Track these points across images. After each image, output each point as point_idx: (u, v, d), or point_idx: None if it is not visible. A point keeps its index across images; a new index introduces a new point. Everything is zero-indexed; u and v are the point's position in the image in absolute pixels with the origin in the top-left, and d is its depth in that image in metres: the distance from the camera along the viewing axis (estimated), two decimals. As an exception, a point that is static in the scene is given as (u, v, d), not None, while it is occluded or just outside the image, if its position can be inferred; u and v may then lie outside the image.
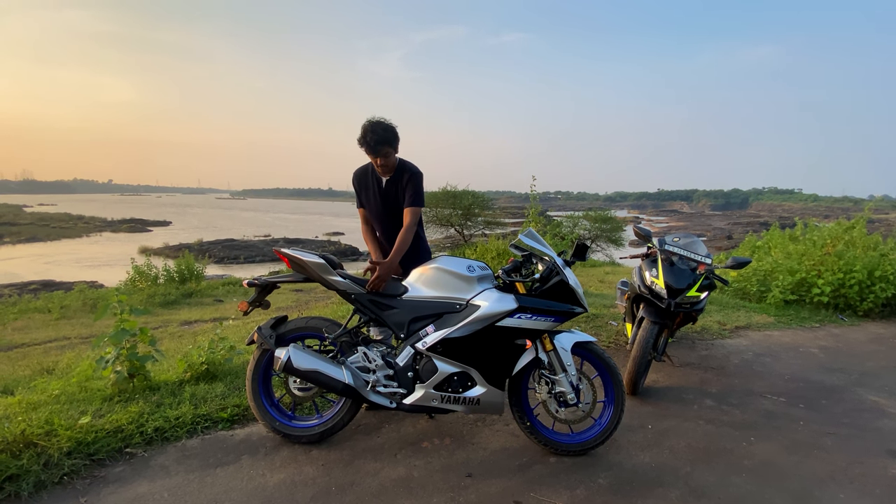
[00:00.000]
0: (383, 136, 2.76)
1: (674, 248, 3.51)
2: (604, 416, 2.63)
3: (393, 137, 2.81)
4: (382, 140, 2.77)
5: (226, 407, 2.89)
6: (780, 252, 7.23)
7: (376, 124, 2.77)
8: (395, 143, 2.84)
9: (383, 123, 2.79)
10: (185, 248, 22.81)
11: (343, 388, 2.46)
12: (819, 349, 4.74)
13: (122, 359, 3.05)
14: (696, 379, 3.80)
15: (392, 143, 2.82)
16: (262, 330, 2.59)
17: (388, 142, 2.79)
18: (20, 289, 17.27)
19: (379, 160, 2.84)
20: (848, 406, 3.43)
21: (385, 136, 2.77)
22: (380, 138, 2.76)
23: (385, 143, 2.78)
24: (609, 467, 2.51)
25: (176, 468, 2.41)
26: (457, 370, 2.48)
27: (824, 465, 2.64)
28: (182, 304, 11.14)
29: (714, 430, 2.97)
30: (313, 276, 2.59)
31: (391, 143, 2.81)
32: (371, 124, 2.77)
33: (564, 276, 2.49)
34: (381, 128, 2.77)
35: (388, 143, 2.79)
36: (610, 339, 4.59)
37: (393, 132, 2.81)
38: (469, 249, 8.08)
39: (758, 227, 38.39)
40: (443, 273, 2.57)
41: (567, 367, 2.53)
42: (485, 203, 23.44)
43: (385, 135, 2.77)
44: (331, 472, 2.39)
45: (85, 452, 2.42)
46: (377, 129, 2.76)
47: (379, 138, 2.75)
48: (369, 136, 2.75)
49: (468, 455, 2.59)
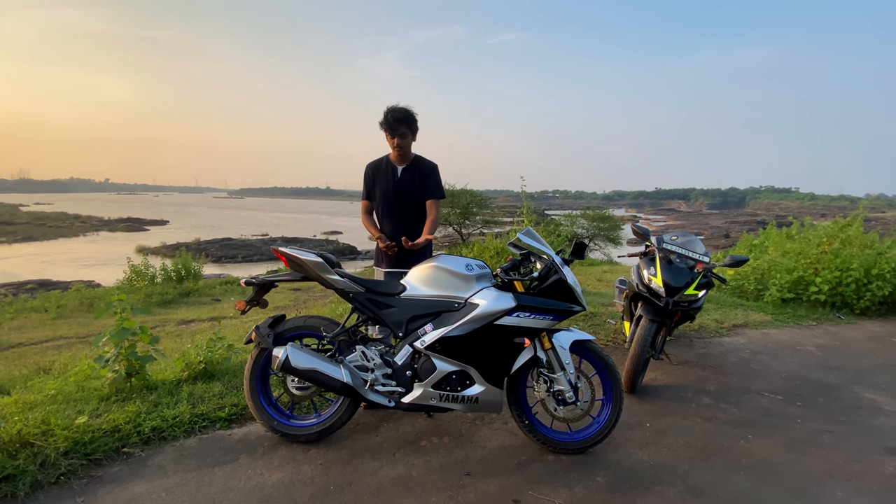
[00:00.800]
0: (403, 115, 2.92)
1: (672, 246, 3.51)
2: (602, 415, 2.63)
3: (412, 120, 2.96)
4: (402, 118, 2.91)
5: (224, 406, 2.88)
6: (776, 250, 7.25)
7: (397, 106, 2.95)
8: (413, 126, 2.98)
9: (404, 107, 2.95)
10: (183, 248, 22.71)
11: (341, 387, 2.45)
12: (816, 347, 4.76)
13: (121, 358, 3.04)
14: (693, 377, 3.81)
15: (410, 125, 2.96)
16: (260, 329, 2.59)
17: (407, 122, 2.94)
18: (17, 288, 17.20)
19: (396, 140, 2.96)
20: (845, 404, 3.44)
21: (405, 115, 2.93)
22: (399, 115, 2.91)
23: (404, 122, 2.92)
24: (607, 465, 2.52)
25: (173, 468, 2.40)
26: (455, 369, 2.47)
27: (822, 463, 2.64)
28: (179, 303, 11.10)
29: (712, 428, 2.98)
30: (311, 275, 2.58)
31: (409, 124, 2.96)
32: (392, 106, 2.94)
33: (563, 274, 2.49)
34: (402, 109, 2.94)
35: (406, 124, 2.93)
36: (608, 338, 4.60)
37: (412, 116, 2.96)
38: (466, 249, 8.07)
39: (755, 225, 38.51)
40: (441, 272, 2.57)
41: (565, 365, 2.53)
42: (483, 202, 23.43)
43: (405, 114, 2.93)
44: (329, 472, 2.39)
45: (82, 452, 2.41)
46: (397, 108, 2.93)
47: (399, 115, 2.91)
48: (389, 115, 2.91)
49: (467, 454, 2.59)
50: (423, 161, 3.14)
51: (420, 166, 3.10)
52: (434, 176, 3.12)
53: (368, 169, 3.16)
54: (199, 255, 19.69)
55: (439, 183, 3.15)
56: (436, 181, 3.13)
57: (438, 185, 3.14)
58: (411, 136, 3.00)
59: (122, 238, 40.60)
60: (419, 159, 3.12)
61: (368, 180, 3.16)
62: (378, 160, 3.15)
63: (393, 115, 2.90)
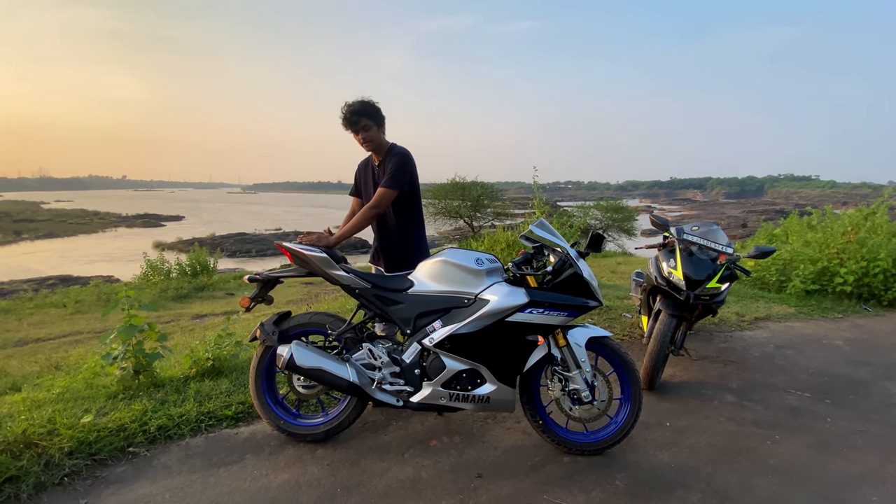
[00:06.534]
0: (359, 107, 2.72)
1: (693, 237, 3.36)
2: (620, 414, 2.52)
3: (371, 110, 2.75)
4: (358, 110, 2.71)
5: (231, 404, 2.83)
6: (798, 240, 7.00)
7: (353, 102, 2.75)
8: (375, 116, 2.76)
9: (359, 99, 2.75)
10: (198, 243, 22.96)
11: (347, 387, 2.37)
12: (843, 341, 4.56)
13: (129, 355, 3.01)
14: (715, 373, 3.66)
15: (371, 115, 2.74)
16: (265, 326, 2.52)
17: (366, 113, 2.73)
18: (39, 284, 17.59)
19: (361, 135, 2.76)
20: (876, 401, 3.27)
21: (361, 106, 2.73)
22: (356, 108, 2.72)
23: (362, 113, 2.72)
24: (626, 468, 2.40)
25: (179, 468, 2.35)
26: (465, 367, 2.38)
27: (855, 465, 2.50)
28: (194, 297, 11.21)
29: (736, 427, 2.84)
30: (316, 271, 2.50)
31: (370, 115, 2.74)
32: (348, 102, 2.75)
33: (578, 268, 2.37)
34: (357, 101, 2.74)
35: (365, 115, 2.73)
36: (624, 332, 4.46)
37: (371, 105, 2.75)
38: (475, 241, 7.93)
39: (773, 214, 37.63)
40: (450, 266, 2.46)
41: (581, 363, 2.42)
42: (494, 194, 23.25)
43: (362, 105, 2.73)
44: (336, 473, 2.32)
45: (86, 452, 2.38)
46: (353, 103, 2.73)
47: (355, 108, 2.71)
48: (346, 111, 2.72)
49: (478, 454, 2.50)
50: (395, 150, 2.84)
51: (390, 157, 2.82)
52: (393, 162, 2.74)
53: (358, 168, 3.03)
54: (215, 249, 19.87)
55: (396, 170, 2.72)
56: (393, 168, 2.72)
57: (394, 174, 2.70)
58: (376, 126, 2.75)
59: (139, 234, 41.29)
60: (391, 149, 2.85)
61: (356, 178, 3.04)
62: (366, 158, 2.99)
63: (349, 110, 2.70)
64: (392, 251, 2.92)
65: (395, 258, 2.89)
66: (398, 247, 2.90)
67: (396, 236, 2.89)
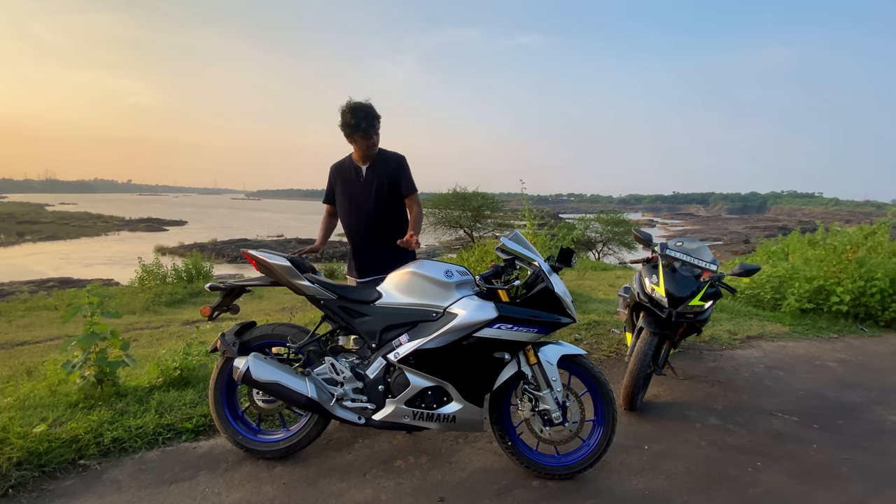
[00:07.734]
0: (373, 112, 2.70)
1: (676, 253, 3.27)
2: (593, 437, 2.41)
3: (376, 117, 2.73)
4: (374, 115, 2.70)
5: (192, 416, 2.74)
6: (798, 257, 6.88)
7: (358, 104, 2.69)
8: (378, 124, 2.76)
9: (364, 103, 2.71)
10: (199, 248, 22.96)
11: (306, 402, 2.28)
12: (837, 362, 4.43)
13: (91, 363, 2.92)
14: (700, 394, 3.54)
15: (378, 120, 2.75)
16: (226, 337, 2.43)
17: (377, 118, 2.73)
18: (38, 286, 17.57)
19: (367, 143, 2.74)
20: (867, 427, 3.15)
21: (373, 111, 2.70)
22: (372, 113, 2.69)
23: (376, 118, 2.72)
24: (597, 493, 2.29)
25: (128, 483, 2.25)
26: (431, 384, 2.28)
27: (838, 496, 2.38)
28: (188, 303, 11.12)
29: (717, 453, 2.72)
30: (281, 280, 2.42)
31: (377, 120, 2.75)
32: (353, 105, 2.69)
33: (550, 283, 2.28)
34: (366, 105, 2.70)
35: (377, 120, 2.74)
36: (611, 349, 4.35)
37: (375, 111, 2.73)
38: (467, 252, 7.85)
39: (775, 231, 37.42)
40: (419, 278, 2.38)
41: (552, 382, 2.32)
42: (495, 205, 23.17)
43: (372, 111, 2.70)
44: (292, 493, 2.22)
45: (36, 463, 2.29)
46: (359, 107, 2.68)
47: (371, 113, 2.68)
48: (360, 114, 2.66)
49: (443, 476, 2.39)
50: (387, 155, 2.86)
51: (384, 162, 2.83)
52: (403, 170, 2.87)
53: (332, 170, 2.95)
54: (215, 255, 19.85)
55: (410, 175, 2.90)
56: (407, 175, 2.88)
57: (410, 179, 2.90)
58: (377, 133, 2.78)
59: (142, 237, 41.39)
60: (382, 154, 2.85)
61: (332, 182, 2.96)
62: (341, 161, 2.93)
63: (364, 112, 2.65)
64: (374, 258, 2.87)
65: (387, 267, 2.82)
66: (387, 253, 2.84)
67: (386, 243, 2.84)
